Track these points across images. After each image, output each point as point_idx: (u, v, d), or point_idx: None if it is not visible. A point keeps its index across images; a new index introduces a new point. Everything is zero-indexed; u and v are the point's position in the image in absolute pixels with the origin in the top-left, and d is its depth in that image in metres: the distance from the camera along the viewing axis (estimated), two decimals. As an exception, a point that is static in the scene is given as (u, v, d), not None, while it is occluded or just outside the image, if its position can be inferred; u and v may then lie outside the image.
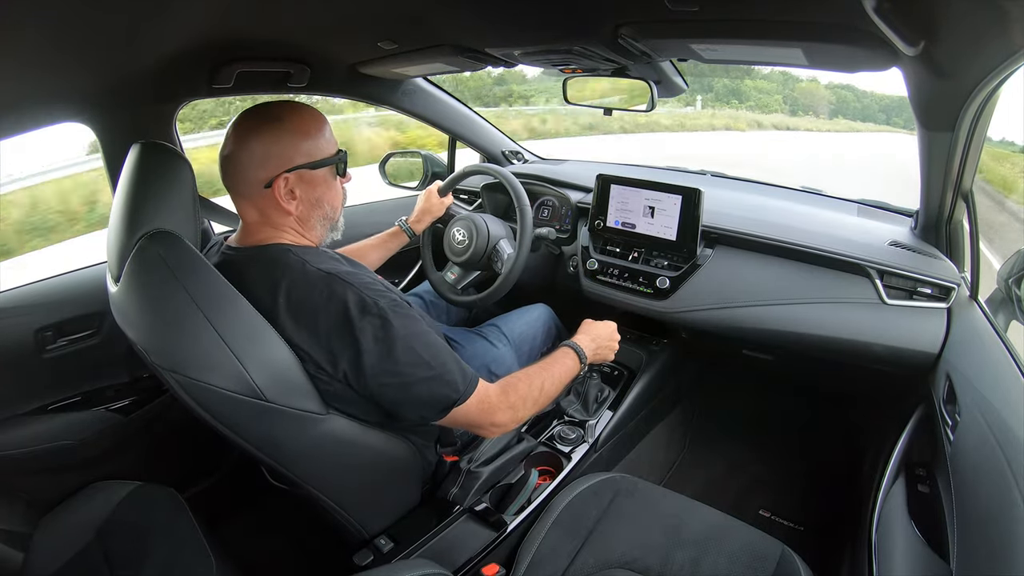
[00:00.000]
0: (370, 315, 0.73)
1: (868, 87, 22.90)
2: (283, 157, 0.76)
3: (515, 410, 0.85)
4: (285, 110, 0.78)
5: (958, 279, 0.99)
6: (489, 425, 0.84)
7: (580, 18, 0.84)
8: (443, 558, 0.85)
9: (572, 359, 0.96)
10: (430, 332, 0.79)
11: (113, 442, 1.14)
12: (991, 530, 0.59)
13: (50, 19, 0.61)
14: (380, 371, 0.74)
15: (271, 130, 0.76)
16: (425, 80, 1.48)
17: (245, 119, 0.77)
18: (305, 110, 0.79)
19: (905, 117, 24.86)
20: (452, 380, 0.78)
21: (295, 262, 0.76)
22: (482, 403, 0.81)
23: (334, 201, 0.84)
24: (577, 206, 1.44)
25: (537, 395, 0.88)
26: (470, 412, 0.80)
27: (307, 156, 0.78)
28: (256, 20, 0.84)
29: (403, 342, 0.74)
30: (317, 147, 0.79)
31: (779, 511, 1.35)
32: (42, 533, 0.89)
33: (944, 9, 0.59)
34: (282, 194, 0.77)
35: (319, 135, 0.79)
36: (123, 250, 0.69)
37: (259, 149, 0.75)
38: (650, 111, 1.23)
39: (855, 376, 1.24)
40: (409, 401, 0.77)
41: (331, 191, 0.83)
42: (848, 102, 21.48)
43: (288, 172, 0.76)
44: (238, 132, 0.76)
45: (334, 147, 0.82)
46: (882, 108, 21.82)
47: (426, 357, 0.76)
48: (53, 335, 1.09)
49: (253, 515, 1.26)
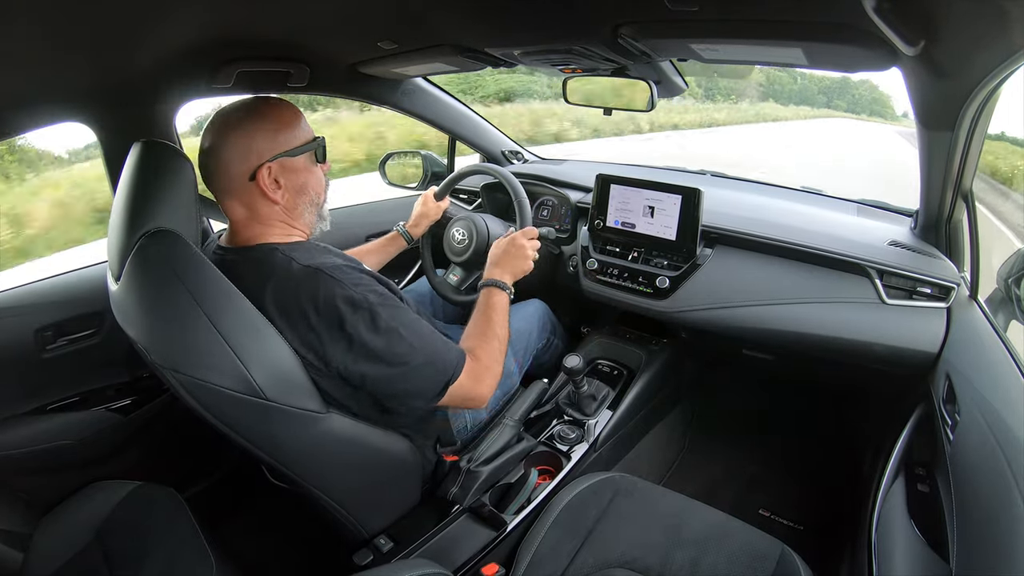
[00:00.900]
0: (360, 310, 0.74)
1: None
2: (263, 148, 0.77)
3: (492, 368, 0.90)
4: (260, 103, 0.80)
5: (958, 279, 0.99)
6: (481, 394, 0.88)
7: (580, 18, 0.84)
8: (443, 558, 0.85)
9: (498, 295, 0.99)
10: (418, 319, 0.82)
11: (113, 442, 1.14)
12: (991, 530, 0.59)
13: (50, 19, 0.61)
14: (375, 364, 0.75)
15: (249, 123, 0.77)
16: (425, 80, 1.48)
17: (221, 116, 0.78)
18: (280, 102, 0.82)
19: (848, 99, 23.05)
20: (443, 362, 0.81)
21: (281, 261, 0.77)
22: (470, 374, 0.85)
23: (318, 187, 0.85)
24: (577, 206, 1.44)
25: (500, 345, 0.93)
26: (464, 386, 0.84)
27: (286, 144, 0.79)
28: (256, 20, 0.84)
29: (395, 333, 0.76)
30: (295, 136, 0.81)
31: (779, 511, 1.35)
32: (42, 533, 0.89)
33: (944, 9, 0.59)
34: (267, 183, 0.78)
35: (296, 125, 0.81)
36: (124, 249, 0.69)
37: (240, 143, 0.76)
38: (650, 111, 1.23)
39: (855, 376, 1.24)
40: (406, 389, 0.79)
41: (313, 177, 0.84)
42: (783, 84, 19.93)
43: (270, 161, 0.77)
44: (216, 129, 0.78)
45: (311, 135, 0.83)
46: (822, 90, 20.57)
47: (417, 345, 0.78)
48: (53, 335, 1.09)
49: (253, 515, 1.26)
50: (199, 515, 0.92)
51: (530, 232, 1.09)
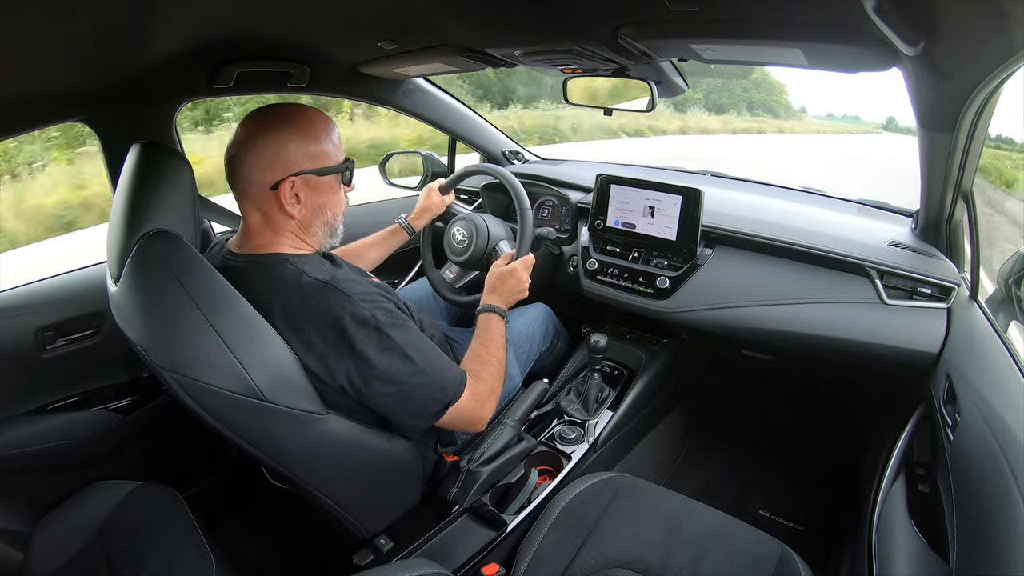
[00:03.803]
0: (368, 328, 0.74)
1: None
2: (290, 160, 0.76)
3: (494, 392, 0.90)
4: (293, 112, 0.78)
5: (958, 279, 0.99)
6: (481, 417, 0.87)
7: (580, 18, 0.84)
8: (443, 558, 0.85)
9: (496, 321, 0.99)
10: (423, 338, 0.81)
11: (113, 442, 1.14)
12: (991, 530, 0.59)
13: (51, 19, 0.61)
14: (378, 383, 0.75)
15: (279, 132, 0.75)
16: (425, 80, 1.48)
17: (253, 119, 0.77)
18: (313, 113, 0.79)
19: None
20: (445, 383, 0.80)
21: (291, 273, 0.76)
22: (472, 396, 0.84)
23: (336, 208, 0.84)
24: (577, 206, 1.44)
25: (499, 367, 0.93)
26: (465, 408, 0.83)
27: (314, 161, 0.78)
28: (256, 20, 0.84)
29: (400, 352, 0.76)
30: (324, 152, 0.78)
31: (779, 511, 1.35)
32: (42, 533, 0.89)
33: (944, 9, 0.58)
34: (287, 197, 0.76)
35: (327, 139, 0.79)
36: (123, 250, 0.69)
37: (267, 151, 0.75)
38: (650, 111, 1.23)
39: (855, 376, 1.24)
40: (407, 408, 0.79)
41: (335, 198, 0.83)
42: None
43: (295, 176, 0.76)
44: (246, 132, 0.76)
45: (342, 154, 0.82)
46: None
47: (421, 364, 0.78)
48: (53, 335, 1.09)
49: (253, 515, 1.26)
50: (199, 515, 0.92)
51: (529, 261, 1.10)
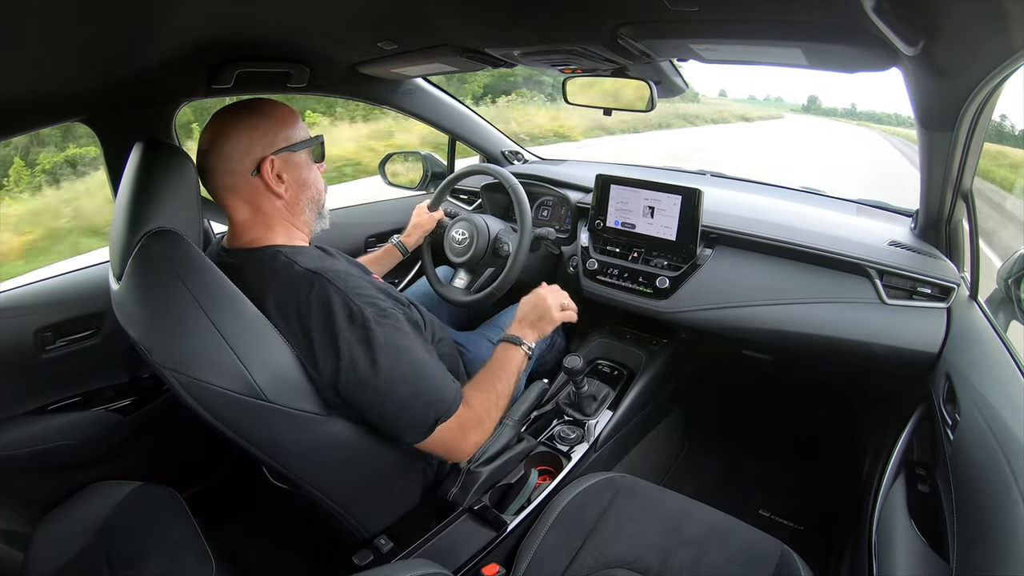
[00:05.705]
0: (354, 325, 0.72)
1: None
2: (266, 141, 0.78)
3: (483, 422, 0.87)
4: (255, 103, 0.81)
5: (958, 279, 0.99)
6: (463, 449, 0.85)
7: (580, 18, 0.84)
8: (443, 558, 0.85)
9: (514, 352, 0.95)
10: (415, 347, 0.78)
11: (113, 442, 1.14)
12: (991, 530, 0.59)
13: (50, 19, 0.61)
14: (358, 384, 0.72)
15: (251, 120, 0.78)
16: (425, 80, 1.48)
17: (217, 119, 0.79)
18: (278, 103, 0.83)
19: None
20: (434, 396, 0.77)
21: (284, 265, 0.76)
22: (460, 420, 0.81)
23: (318, 183, 0.86)
24: (577, 206, 1.44)
25: (498, 400, 0.89)
26: (449, 432, 0.80)
27: (287, 140, 0.80)
28: (256, 20, 0.84)
29: (384, 357, 0.73)
30: (295, 132, 0.82)
31: (779, 511, 1.35)
32: (42, 533, 0.89)
33: (944, 9, 0.58)
34: (271, 177, 0.78)
35: (294, 122, 0.82)
36: (126, 248, 0.69)
37: (241, 140, 0.77)
38: (650, 111, 1.23)
39: (855, 376, 1.24)
40: (387, 417, 0.77)
41: (313, 173, 0.85)
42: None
43: (273, 155, 0.78)
44: (214, 132, 0.78)
45: (309, 133, 0.84)
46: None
47: (407, 375, 0.75)
48: (53, 335, 1.08)
49: (253, 515, 1.26)
50: (199, 515, 0.92)
51: (551, 296, 1.07)
